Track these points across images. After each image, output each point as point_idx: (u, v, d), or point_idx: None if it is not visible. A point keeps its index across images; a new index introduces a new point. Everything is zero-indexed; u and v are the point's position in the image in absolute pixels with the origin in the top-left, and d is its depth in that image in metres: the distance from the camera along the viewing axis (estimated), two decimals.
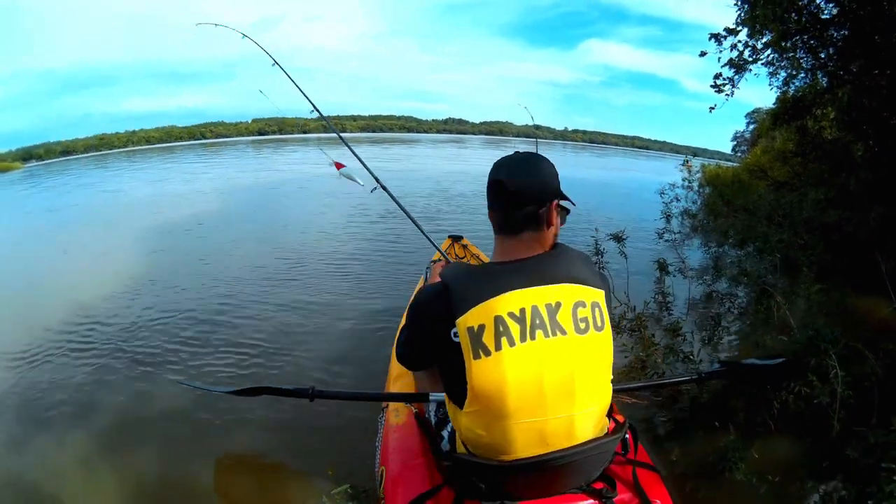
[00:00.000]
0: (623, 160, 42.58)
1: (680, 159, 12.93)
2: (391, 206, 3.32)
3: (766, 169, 9.08)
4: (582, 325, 1.13)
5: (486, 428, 1.14)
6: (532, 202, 1.22)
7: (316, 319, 4.20)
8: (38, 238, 8.67)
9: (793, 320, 3.03)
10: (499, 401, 1.11)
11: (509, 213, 1.23)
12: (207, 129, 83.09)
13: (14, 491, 2.35)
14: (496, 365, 1.09)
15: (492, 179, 1.26)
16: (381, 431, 1.86)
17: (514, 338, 1.10)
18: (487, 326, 1.10)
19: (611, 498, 1.26)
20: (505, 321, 1.10)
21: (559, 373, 1.11)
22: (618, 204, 11.55)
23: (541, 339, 1.11)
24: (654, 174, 17.98)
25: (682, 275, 4.53)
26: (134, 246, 7.01)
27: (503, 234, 1.26)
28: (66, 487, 2.32)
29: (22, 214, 12.40)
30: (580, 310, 1.14)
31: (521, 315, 1.10)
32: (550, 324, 1.11)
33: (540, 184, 1.25)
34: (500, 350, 1.09)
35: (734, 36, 6.82)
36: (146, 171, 23.12)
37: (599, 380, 1.17)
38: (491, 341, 1.09)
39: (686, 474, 2.17)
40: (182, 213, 9.78)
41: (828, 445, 2.17)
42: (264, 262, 6.01)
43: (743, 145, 28.40)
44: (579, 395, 1.14)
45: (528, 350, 1.10)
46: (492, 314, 1.10)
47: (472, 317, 1.11)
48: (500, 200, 1.25)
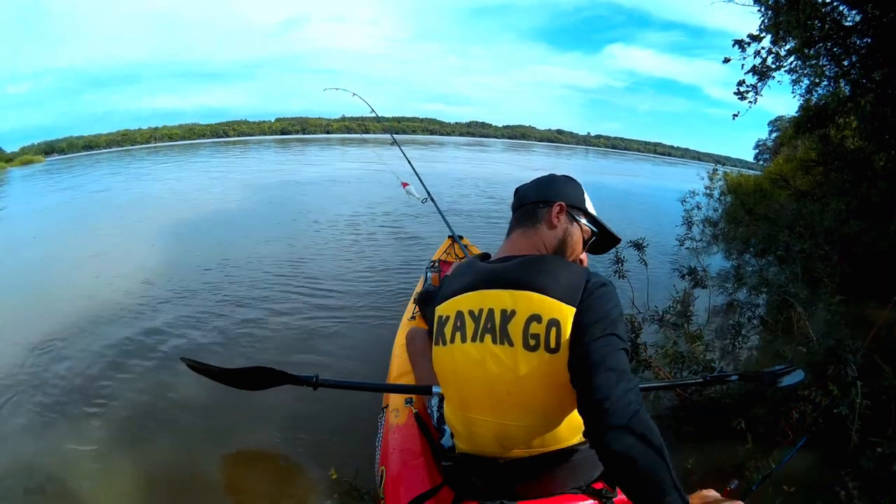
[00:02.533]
0: (644, 166, 42.03)
1: (702, 167, 12.87)
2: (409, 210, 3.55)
3: (789, 178, 9.00)
4: (532, 342, 1.05)
5: (453, 414, 1.22)
6: (529, 199, 1.27)
7: (322, 317, 4.23)
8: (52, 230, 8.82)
9: (812, 331, 3.04)
10: (454, 388, 1.18)
11: (513, 212, 1.31)
12: (230, 128, 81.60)
13: (25, 475, 2.39)
14: (448, 354, 1.16)
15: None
16: (381, 431, 1.86)
17: (466, 335, 1.13)
18: (450, 319, 1.16)
19: (610, 498, 1.21)
20: (464, 318, 1.14)
21: (504, 382, 1.08)
22: (638, 211, 11.47)
23: (488, 343, 1.09)
24: (674, 181, 17.85)
25: (701, 286, 4.53)
26: (165, 240, 7.10)
27: (508, 234, 1.31)
28: (68, 476, 2.33)
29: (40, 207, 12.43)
30: (533, 324, 1.05)
31: (478, 315, 1.12)
32: (500, 332, 1.08)
33: (545, 184, 1.30)
34: (453, 343, 1.15)
35: (758, 42, 6.82)
36: (188, 167, 22.91)
37: (550, 402, 1.09)
38: (449, 332, 1.16)
39: (703, 482, 2.19)
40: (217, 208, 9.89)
41: (845, 456, 2.18)
42: (288, 258, 6.08)
43: (765, 153, 28.20)
44: (527, 409, 1.09)
45: (475, 350, 1.11)
46: (457, 308, 1.16)
47: (445, 307, 1.19)
48: (513, 203, 1.32)
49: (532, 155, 44.11)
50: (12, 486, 2.32)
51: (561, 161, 37.83)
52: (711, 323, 4.20)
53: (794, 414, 2.39)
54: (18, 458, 2.50)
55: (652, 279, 4.58)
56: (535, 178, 1.33)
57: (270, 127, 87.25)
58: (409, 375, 2.00)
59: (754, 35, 6.72)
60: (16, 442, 2.64)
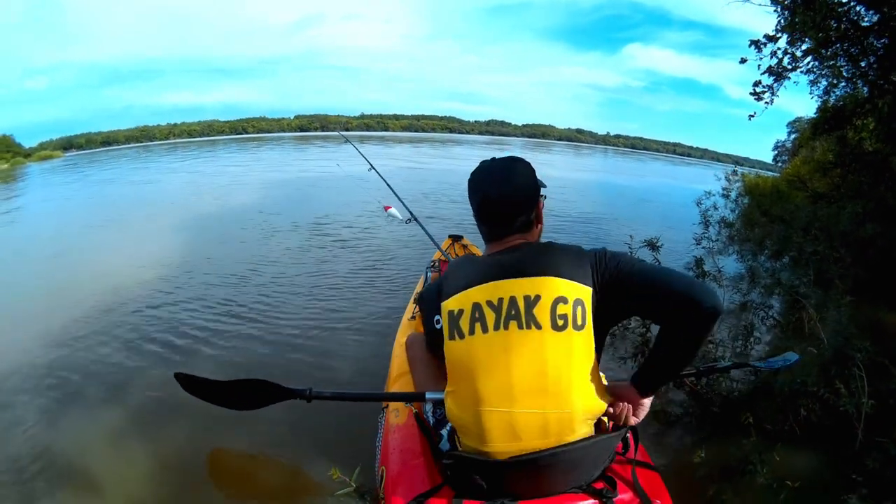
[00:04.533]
0: (663, 167, 41.53)
1: (721, 168, 12.74)
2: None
3: (806, 180, 8.92)
4: (560, 322, 1.13)
5: (463, 411, 1.20)
6: (517, 211, 1.27)
7: (321, 316, 4.26)
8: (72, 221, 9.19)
9: (823, 332, 3.04)
10: (470, 383, 1.16)
11: (497, 227, 1.30)
12: (249, 125, 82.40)
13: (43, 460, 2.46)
14: (467, 347, 1.16)
15: (478, 196, 1.30)
16: (381, 431, 1.86)
17: (487, 325, 1.15)
18: (465, 311, 1.17)
19: (611, 498, 1.25)
20: (482, 308, 1.16)
21: (530, 366, 1.13)
22: (653, 211, 11.40)
23: (514, 330, 1.13)
24: (693, 182, 17.67)
25: (717, 283, 4.52)
26: (185, 235, 7.28)
27: (487, 240, 1.33)
28: (59, 477, 2.36)
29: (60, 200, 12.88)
30: (560, 305, 1.13)
31: (497, 304, 1.15)
32: (525, 316, 1.13)
33: (524, 191, 1.29)
34: (472, 335, 1.16)
35: (774, 43, 6.77)
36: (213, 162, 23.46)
37: (578, 379, 1.15)
38: (466, 325, 1.16)
39: (711, 476, 2.21)
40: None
41: (850, 455, 2.19)
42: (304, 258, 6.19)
43: (784, 155, 27.83)
44: (552, 394, 1.14)
45: (498, 338, 1.14)
46: (471, 300, 1.17)
47: (455, 301, 1.19)
48: (487, 214, 1.31)
49: (552, 154, 43.53)
50: (31, 469, 2.39)
51: (580, 160, 37.55)
52: (724, 323, 4.20)
53: (801, 411, 2.41)
54: (37, 443, 2.59)
55: None
56: (508, 181, 1.29)
57: (289, 124, 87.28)
58: (408, 375, 1.98)
59: (770, 35, 6.67)
60: (35, 427, 2.73)
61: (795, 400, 2.45)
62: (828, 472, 2.16)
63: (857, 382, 2.28)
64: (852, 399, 2.24)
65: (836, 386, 2.31)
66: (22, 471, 2.38)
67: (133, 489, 2.29)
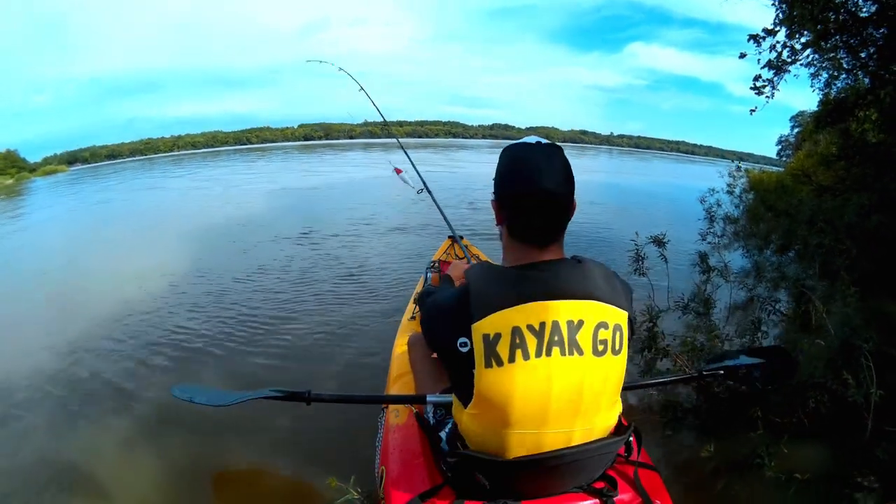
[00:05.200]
0: (668, 166, 41.46)
1: (725, 165, 12.66)
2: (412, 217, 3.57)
3: (810, 173, 8.88)
4: (600, 347, 1.09)
5: (486, 430, 1.14)
6: (570, 209, 1.14)
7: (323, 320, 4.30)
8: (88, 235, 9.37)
9: (830, 324, 3.02)
10: (502, 410, 1.08)
11: (545, 230, 1.13)
12: (253, 135, 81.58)
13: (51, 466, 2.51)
14: (506, 376, 1.06)
15: (528, 186, 1.10)
16: (381, 431, 1.85)
17: (529, 352, 1.05)
18: (504, 336, 1.05)
19: (611, 497, 1.24)
20: (523, 333, 1.05)
21: (567, 391, 1.08)
22: (659, 210, 11.40)
23: (556, 356, 1.06)
24: (696, 180, 17.66)
25: (724, 278, 4.52)
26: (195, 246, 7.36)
27: (525, 243, 1.14)
28: (68, 484, 2.41)
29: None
30: (601, 331, 1.09)
31: (540, 329, 1.05)
32: (569, 342, 1.06)
33: (573, 187, 1.13)
34: (513, 362, 1.05)
35: (773, 37, 6.74)
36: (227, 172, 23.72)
37: (607, 401, 1.15)
38: (505, 352, 1.05)
39: (719, 470, 2.21)
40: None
41: (859, 446, 2.18)
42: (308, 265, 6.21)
43: (788, 150, 27.73)
44: (582, 414, 1.12)
45: (540, 365, 1.06)
46: (510, 324, 1.05)
47: (490, 324, 1.05)
48: (538, 210, 1.11)
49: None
50: (39, 476, 2.44)
51: (585, 161, 37.45)
52: (732, 318, 4.18)
53: (810, 402, 2.40)
54: (45, 450, 2.64)
55: (672, 275, 4.56)
56: (558, 169, 1.12)
57: (293, 133, 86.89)
58: (409, 375, 2.00)
59: (769, 29, 6.65)
60: (44, 435, 2.78)
61: (804, 392, 2.44)
62: (836, 465, 2.15)
63: (865, 373, 2.26)
64: (861, 389, 2.23)
65: (844, 377, 2.30)
66: (33, 478, 2.43)
67: (134, 497, 2.32)
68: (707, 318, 3.44)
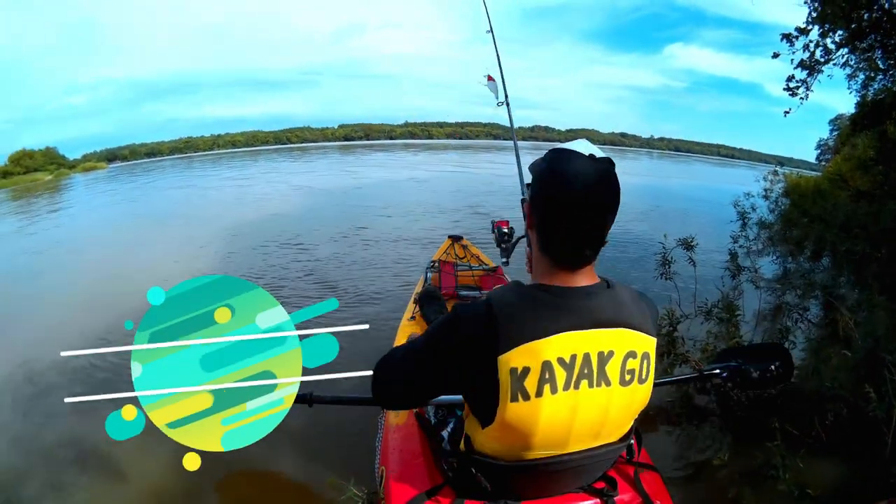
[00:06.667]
0: (712, 170, 40.44)
1: (765, 169, 12.31)
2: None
3: (848, 178, 8.59)
4: (628, 378, 1.06)
5: (504, 451, 1.12)
6: (604, 229, 1.04)
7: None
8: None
9: (857, 334, 2.91)
10: (525, 438, 1.05)
11: (587, 249, 1.03)
12: (293, 134, 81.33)
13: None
14: (532, 409, 1.01)
15: (581, 198, 0.99)
16: (381, 431, 1.85)
17: (557, 386, 1.00)
18: (533, 370, 0.99)
19: (612, 497, 1.24)
20: (553, 367, 0.99)
21: (590, 419, 1.06)
22: (698, 214, 11.19)
23: (584, 389, 1.02)
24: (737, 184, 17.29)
25: (754, 284, 4.40)
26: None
27: (561, 265, 1.06)
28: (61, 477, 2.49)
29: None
30: (630, 361, 1.05)
31: (570, 362, 1.00)
32: (598, 374, 1.03)
33: (617, 203, 1.03)
34: (540, 397, 1.00)
35: (805, 36, 6.56)
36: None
37: (627, 424, 1.15)
38: (533, 387, 0.99)
39: (731, 478, 2.16)
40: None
41: (877, 464, 2.10)
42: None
43: (827, 154, 26.89)
44: (603, 437, 1.12)
45: (568, 398, 1.02)
46: (540, 358, 0.98)
47: (517, 357, 0.99)
48: (584, 227, 1.01)
49: None
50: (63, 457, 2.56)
51: (626, 163, 36.79)
52: (760, 325, 4.07)
53: (829, 415, 2.32)
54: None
55: (702, 280, 4.41)
56: (608, 191, 1.01)
57: (334, 133, 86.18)
58: None
59: (801, 28, 6.45)
60: (67, 418, 2.85)
61: (824, 404, 2.36)
62: (852, 482, 2.08)
63: (889, 386, 2.17)
64: (882, 403, 2.15)
65: (866, 390, 2.21)
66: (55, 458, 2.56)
67: (133, 497, 2.37)
68: (729, 323, 3.35)
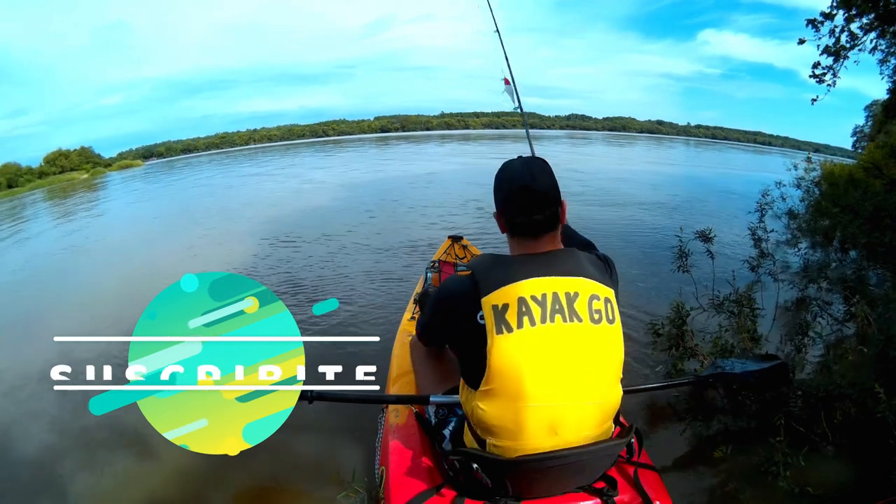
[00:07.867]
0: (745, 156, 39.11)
1: (802, 156, 11.92)
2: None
3: (881, 166, 8.27)
4: (596, 316, 1.21)
5: (500, 408, 1.19)
6: (553, 204, 1.27)
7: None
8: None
9: (876, 330, 2.83)
10: (515, 380, 1.17)
11: (532, 217, 1.25)
12: (329, 127, 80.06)
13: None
14: (517, 342, 1.17)
15: (514, 186, 1.27)
16: (381, 431, 1.87)
17: (535, 318, 1.17)
18: (511, 305, 1.17)
19: (612, 497, 1.27)
20: (527, 302, 1.17)
21: (574, 359, 1.18)
22: (712, 203, 10.92)
23: (559, 323, 1.18)
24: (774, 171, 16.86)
25: (773, 277, 4.30)
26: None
27: (523, 237, 1.29)
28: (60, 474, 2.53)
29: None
30: (595, 302, 1.21)
31: (542, 299, 1.18)
32: (569, 310, 1.19)
33: (555, 185, 1.29)
34: (521, 328, 1.17)
35: (831, 21, 6.35)
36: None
37: (608, 374, 1.23)
38: (514, 319, 1.17)
39: (730, 474, 2.14)
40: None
41: (881, 466, 2.04)
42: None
43: (863, 141, 25.90)
44: (588, 385, 1.20)
45: (546, 332, 1.17)
46: (515, 295, 1.18)
47: (498, 296, 1.19)
48: (521, 204, 1.26)
49: (634, 148, 41.58)
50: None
51: (663, 152, 35.91)
52: (780, 319, 3.98)
53: (836, 414, 2.26)
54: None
55: (721, 272, 4.32)
56: (543, 174, 1.30)
57: (370, 125, 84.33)
58: (409, 375, 2.01)
59: (826, 13, 6.24)
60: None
61: (831, 402, 2.31)
62: (854, 483, 2.04)
63: None
64: (890, 404, 2.08)
65: (876, 389, 2.15)
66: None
67: (133, 495, 2.40)
68: (741, 317, 3.28)
